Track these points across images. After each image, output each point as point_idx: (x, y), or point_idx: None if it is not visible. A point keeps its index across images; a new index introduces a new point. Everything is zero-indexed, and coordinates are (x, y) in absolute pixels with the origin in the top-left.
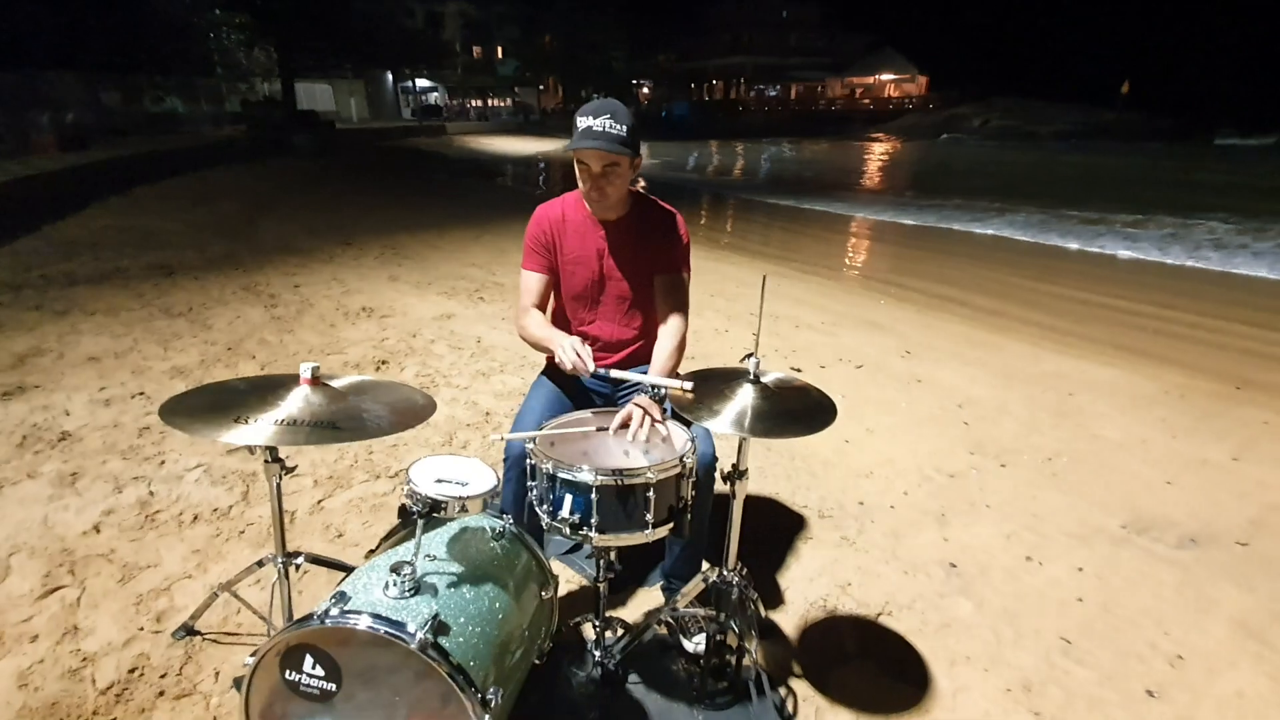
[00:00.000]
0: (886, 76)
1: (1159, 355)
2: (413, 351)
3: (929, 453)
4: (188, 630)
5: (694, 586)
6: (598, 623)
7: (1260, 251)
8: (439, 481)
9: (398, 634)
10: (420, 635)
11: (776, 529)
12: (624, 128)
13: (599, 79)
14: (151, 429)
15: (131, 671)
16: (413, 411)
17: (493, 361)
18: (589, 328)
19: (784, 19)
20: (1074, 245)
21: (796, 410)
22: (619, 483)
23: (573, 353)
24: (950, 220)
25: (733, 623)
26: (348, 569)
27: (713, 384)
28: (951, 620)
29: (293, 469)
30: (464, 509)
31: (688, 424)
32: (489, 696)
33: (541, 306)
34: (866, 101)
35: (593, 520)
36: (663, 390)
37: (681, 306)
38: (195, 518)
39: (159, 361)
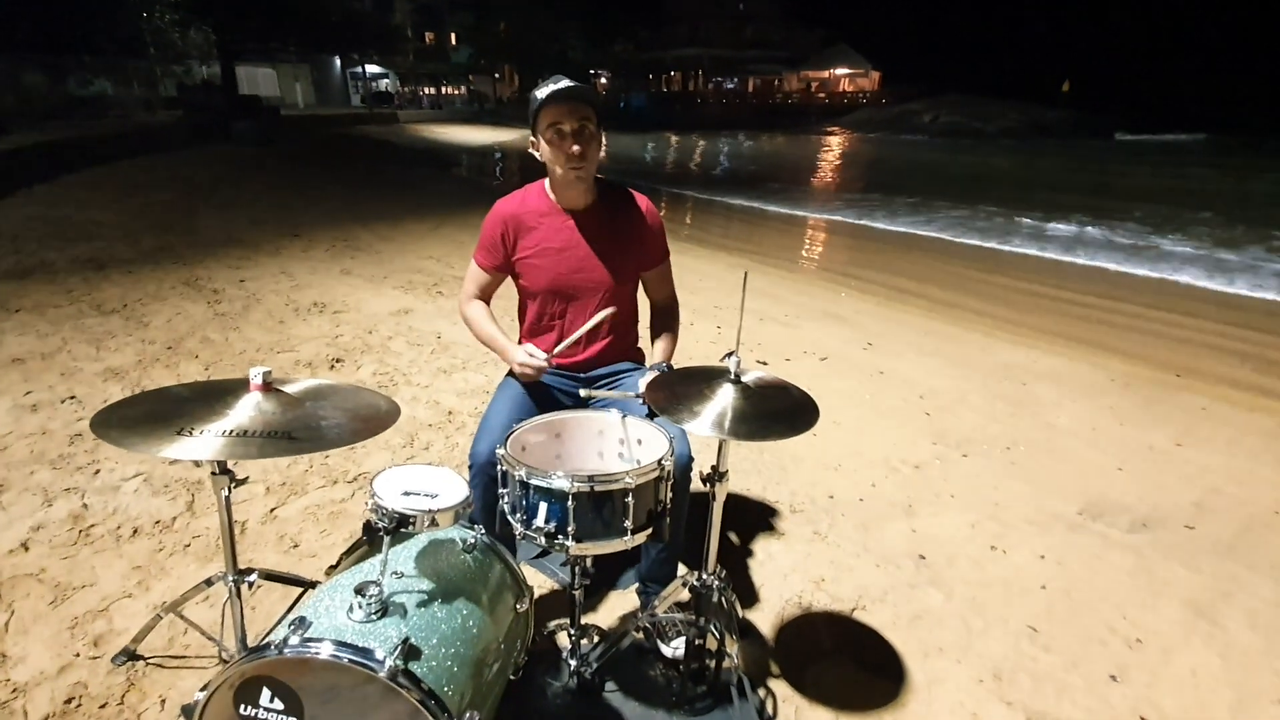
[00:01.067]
0: (841, 71)
1: (1104, 345)
2: (369, 349)
3: (894, 444)
4: (129, 655)
5: (672, 590)
6: (573, 630)
7: (1168, 252)
8: (406, 494)
9: (365, 662)
10: (390, 662)
11: (749, 525)
12: (580, 86)
13: (556, 68)
14: (84, 436)
15: (68, 702)
16: (376, 418)
17: (454, 358)
18: (557, 322)
19: (741, 12)
20: (1001, 246)
21: (779, 411)
22: (595, 489)
23: (528, 369)
24: (899, 216)
25: (712, 626)
26: (306, 584)
27: (692, 383)
28: (923, 612)
29: (243, 480)
30: (434, 523)
31: (653, 416)
32: None
33: (484, 299)
34: (822, 96)
35: (569, 529)
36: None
37: (672, 293)
38: (135, 531)
39: (91, 363)
